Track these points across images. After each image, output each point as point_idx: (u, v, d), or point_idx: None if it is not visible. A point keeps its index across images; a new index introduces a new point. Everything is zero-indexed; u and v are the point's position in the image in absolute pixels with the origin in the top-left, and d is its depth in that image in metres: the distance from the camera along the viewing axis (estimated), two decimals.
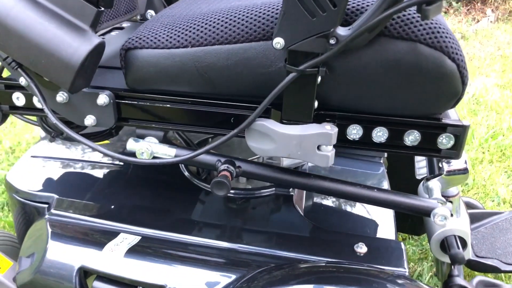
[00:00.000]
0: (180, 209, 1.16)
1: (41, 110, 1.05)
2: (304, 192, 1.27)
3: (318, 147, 0.90)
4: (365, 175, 1.37)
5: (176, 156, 0.99)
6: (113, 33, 1.35)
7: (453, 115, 0.94)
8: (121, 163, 1.32)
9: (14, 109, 1.07)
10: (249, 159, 1.12)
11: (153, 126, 1.01)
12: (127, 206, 1.15)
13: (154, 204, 1.17)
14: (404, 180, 1.57)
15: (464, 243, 1.11)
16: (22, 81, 0.96)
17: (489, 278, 1.21)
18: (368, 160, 1.43)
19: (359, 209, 1.23)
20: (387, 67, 0.85)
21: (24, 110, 1.07)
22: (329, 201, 1.26)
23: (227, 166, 0.99)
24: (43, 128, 1.16)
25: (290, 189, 1.20)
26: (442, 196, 1.09)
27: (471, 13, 5.57)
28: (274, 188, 1.21)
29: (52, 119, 0.94)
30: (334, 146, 0.91)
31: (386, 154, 1.45)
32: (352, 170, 1.38)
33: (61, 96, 0.98)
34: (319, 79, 0.86)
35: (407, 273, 0.99)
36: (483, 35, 5.09)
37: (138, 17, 1.46)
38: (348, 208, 1.24)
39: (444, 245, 1.12)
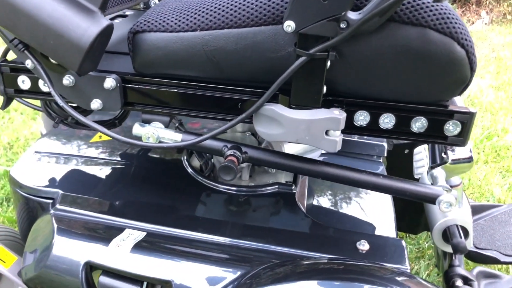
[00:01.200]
0: (184, 205, 1.16)
1: (47, 94, 1.04)
2: (306, 189, 1.27)
3: (326, 132, 0.90)
4: None
5: (182, 141, 0.99)
6: (116, 20, 1.34)
7: (460, 103, 0.95)
8: (125, 160, 1.33)
9: (19, 92, 1.06)
10: None
11: (159, 111, 1.01)
12: (131, 202, 1.15)
13: (158, 200, 1.18)
14: None
15: (466, 233, 1.12)
16: (29, 63, 0.95)
17: (489, 268, 1.22)
18: (367, 159, 1.44)
19: (361, 207, 1.24)
20: (396, 53, 0.85)
21: (29, 94, 1.06)
22: (331, 199, 1.27)
23: (233, 151, 0.99)
24: (47, 113, 1.15)
25: (292, 187, 1.21)
26: None
27: (466, 15, 5.61)
28: (276, 186, 1.21)
29: (59, 101, 0.93)
30: (342, 132, 0.92)
31: (385, 153, 1.46)
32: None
33: (67, 79, 0.97)
34: (328, 63, 0.87)
35: (408, 270, 1.00)
36: (478, 37, 5.13)
37: (141, 5, 1.45)
38: (350, 206, 1.24)
39: (446, 234, 1.13)
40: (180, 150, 1.36)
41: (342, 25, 0.81)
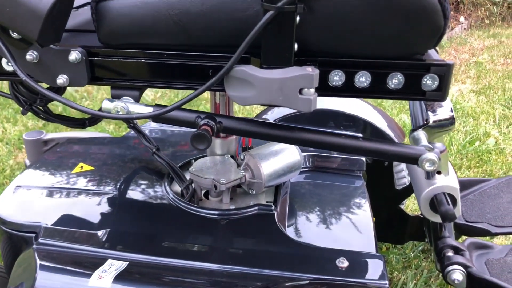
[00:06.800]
0: (166, 232, 1.15)
1: (11, 73, 1.01)
2: (287, 208, 1.26)
3: (300, 91, 0.87)
4: (345, 188, 1.38)
5: (153, 111, 0.95)
6: (87, 7, 1.32)
7: (436, 57, 0.93)
8: (107, 189, 1.31)
9: None
10: None
11: (128, 85, 0.97)
12: (114, 232, 1.14)
13: (140, 228, 1.17)
14: (384, 192, 1.57)
15: (454, 201, 1.09)
16: None
17: (481, 239, 1.19)
18: (347, 174, 1.44)
19: (341, 223, 1.23)
20: (365, 3, 0.83)
21: None
22: (311, 217, 1.26)
23: (207, 121, 0.95)
24: (15, 99, 1.12)
25: (272, 207, 1.19)
26: None
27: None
28: (257, 207, 1.19)
29: (22, 75, 0.90)
30: (317, 93, 0.89)
31: (365, 167, 1.45)
32: (332, 184, 1.40)
33: (30, 55, 0.94)
34: (297, 18, 0.84)
35: (387, 285, 0.99)
36: (458, 42, 5.19)
37: None
38: (330, 223, 1.24)
39: (434, 204, 1.09)
40: (160, 177, 1.34)
41: None
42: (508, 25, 5.79)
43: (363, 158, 1.44)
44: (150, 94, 3.71)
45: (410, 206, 2.34)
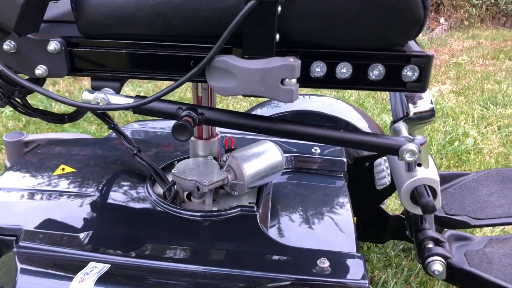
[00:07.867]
0: (149, 234, 1.13)
1: None
2: (269, 209, 1.26)
3: (282, 82, 0.87)
4: (326, 188, 1.38)
5: (134, 102, 0.94)
6: None
7: (416, 48, 0.94)
8: (89, 192, 1.29)
9: None
10: None
11: (108, 76, 0.96)
12: (96, 234, 1.12)
13: (123, 230, 1.15)
14: (365, 192, 1.59)
15: (434, 193, 1.10)
16: None
17: (460, 231, 1.20)
18: (328, 174, 1.44)
19: (322, 223, 1.23)
20: None
21: None
22: (293, 217, 1.25)
23: (189, 112, 0.95)
24: None
25: (255, 208, 1.19)
26: None
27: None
28: (239, 209, 1.19)
29: None
30: (299, 84, 0.89)
31: (346, 168, 1.46)
32: (313, 185, 1.40)
33: (8, 45, 0.93)
34: (279, 8, 0.84)
35: (367, 285, 0.99)
36: (438, 43, 5.26)
37: None
38: (312, 223, 1.23)
39: (415, 196, 1.10)
40: (143, 179, 1.32)
41: None
42: (486, 27, 5.90)
43: (344, 159, 1.45)
44: (132, 94, 3.68)
45: (391, 205, 2.36)
